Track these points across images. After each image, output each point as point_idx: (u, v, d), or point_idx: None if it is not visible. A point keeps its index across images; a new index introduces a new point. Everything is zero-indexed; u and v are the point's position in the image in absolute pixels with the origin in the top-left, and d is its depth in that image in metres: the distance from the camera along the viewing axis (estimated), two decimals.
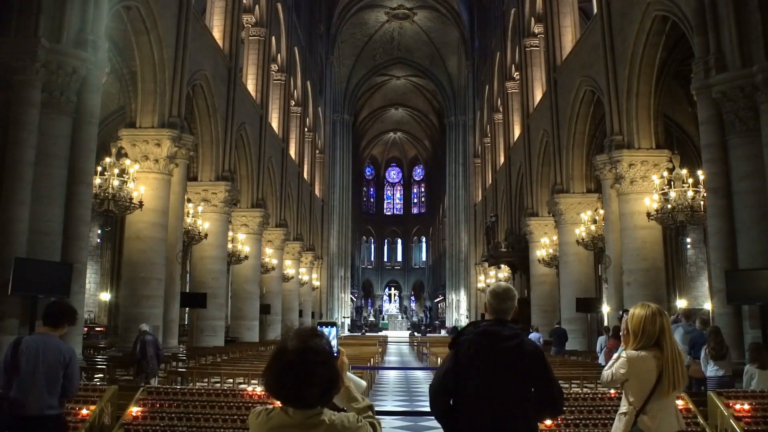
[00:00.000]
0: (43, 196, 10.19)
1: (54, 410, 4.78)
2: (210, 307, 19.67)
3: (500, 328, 3.42)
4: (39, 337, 4.94)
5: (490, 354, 3.35)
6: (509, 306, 3.51)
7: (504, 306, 3.50)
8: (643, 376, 3.69)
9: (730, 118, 10.82)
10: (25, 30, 10.34)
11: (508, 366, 3.33)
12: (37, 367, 4.71)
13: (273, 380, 2.21)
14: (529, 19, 28.32)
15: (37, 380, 4.69)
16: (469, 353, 3.38)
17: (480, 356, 3.36)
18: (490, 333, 3.41)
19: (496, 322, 3.47)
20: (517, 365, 3.33)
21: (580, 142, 21.20)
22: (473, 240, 46.53)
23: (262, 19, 27.85)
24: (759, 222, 10.34)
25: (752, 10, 10.53)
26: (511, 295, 3.54)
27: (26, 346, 4.78)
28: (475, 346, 3.39)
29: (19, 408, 4.64)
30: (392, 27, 52.89)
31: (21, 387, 4.66)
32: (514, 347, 3.34)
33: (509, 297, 3.53)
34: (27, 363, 4.71)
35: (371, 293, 74.12)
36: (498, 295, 3.53)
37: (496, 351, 3.35)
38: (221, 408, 6.05)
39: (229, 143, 21.25)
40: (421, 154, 74.36)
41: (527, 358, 3.33)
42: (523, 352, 3.34)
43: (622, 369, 3.76)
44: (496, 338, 3.38)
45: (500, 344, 3.36)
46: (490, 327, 3.44)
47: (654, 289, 15.71)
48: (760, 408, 5.95)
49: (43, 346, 4.79)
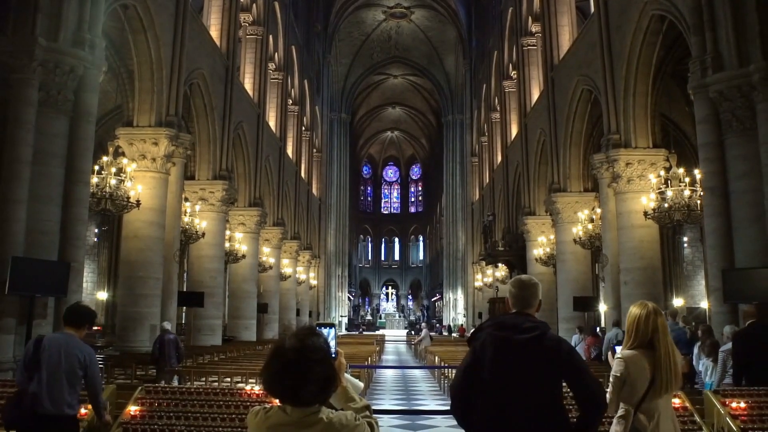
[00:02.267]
0: (40, 195, 10.17)
1: (72, 410, 4.80)
2: (207, 306, 19.66)
3: (520, 320, 3.25)
4: (62, 335, 4.97)
5: (508, 347, 3.17)
6: (531, 294, 3.36)
7: (525, 293, 3.35)
8: (638, 374, 3.70)
9: (726, 117, 10.85)
10: (22, 29, 10.32)
11: (526, 360, 3.13)
12: (60, 365, 4.74)
13: (271, 378, 2.22)
14: (526, 18, 28.34)
15: (59, 378, 4.72)
16: (485, 347, 3.22)
17: (497, 350, 3.18)
18: (508, 325, 3.25)
19: (516, 314, 3.32)
20: (537, 359, 3.13)
21: (577, 141, 21.22)
22: (470, 239, 46.56)
23: (259, 18, 27.83)
24: (756, 221, 10.35)
25: (749, 10, 10.54)
26: (533, 282, 3.42)
27: (48, 343, 4.80)
28: (492, 339, 3.22)
29: (39, 405, 4.64)
30: (390, 26, 52.90)
31: (42, 383, 4.67)
32: (532, 339, 3.15)
33: (532, 284, 3.40)
34: (49, 360, 4.72)
35: (369, 292, 74.19)
36: (521, 283, 3.40)
37: (514, 344, 3.16)
38: (219, 407, 6.05)
39: (227, 142, 21.24)
40: (418, 153, 74.41)
41: (549, 352, 3.13)
42: (543, 346, 3.14)
43: (619, 369, 3.75)
44: (514, 330, 3.20)
45: (518, 336, 3.17)
46: (509, 320, 3.29)
47: (651, 288, 15.74)
48: (756, 406, 5.97)
49: (65, 345, 4.82)
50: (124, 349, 14.93)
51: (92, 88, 11.25)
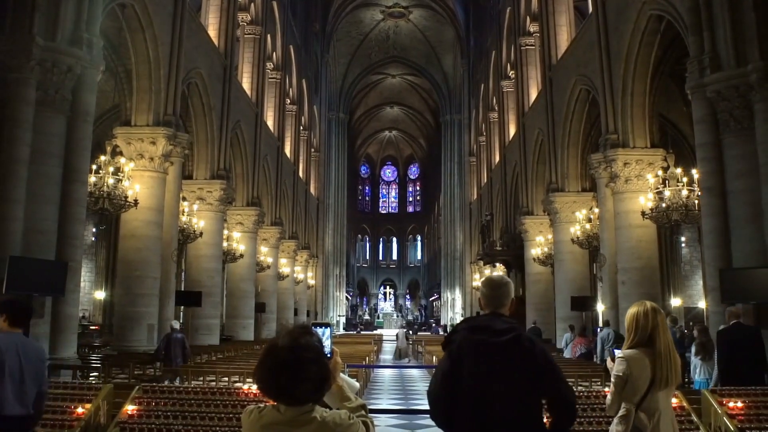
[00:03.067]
0: (37, 195, 10.17)
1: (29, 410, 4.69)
2: (205, 306, 19.64)
3: (493, 322, 3.18)
4: (11, 335, 4.71)
5: (486, 351, 3.09)
6: (503, 293, 3.29)
7: (498, 293, 3.28)
8: (639, 373, 3.71)
9: (724, 117, 10.86)
10: (20, 28, 10.31)
11: (505, 363, 3.07)
12: (21, 366, 4.59)
13: (265, 377, 2.23)
14: (524, 18, 28.34)
15: (24, 378, 4.60)
16: (462, 352, 3.13)
17: (475, 355, 3.10)
18: (482, 327, 3.17)
19: (490, 315, 3.24)
20: (514, 362, 3.07)
21: (575, 141, 21.23)
22: (468, 238, 46.53)
23: (257, 17, 27.81)
24: (753, 221, 10.36)
25: (747, 10, 10.55)
26: (505, 281, 3.35)
27: (4, 344, 4.60)
28: (468, 343, 3.14)
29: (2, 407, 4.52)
30: (388, 25, 52.87)
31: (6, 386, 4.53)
32: (509, 342, 3.09)
33: (504, 284, 3.33)
34: (11, 361, 4.56)
35: (366, 292, 74.15)
36: (492, 282, 3.33)
37: (492, 347, 3.09)
38: (217, 406, 6.05)
39: (225, 141, 21.22)
40: (416, 152, 74.38)
41: (526, 354, 3.08)
42: (520, 348, 3.08)
43: (621, 369, 3.75)
44: (489, 333, 3.12)
45: (494, 339, 3.10)
46: (483, 321, 3.22)
47: (648, 288, 15.75)
48: (753, 406, 5.98)
49: (22, 345, 4.66)
50: (122, 348, 14.91)
51: (90, 87, 11.25)
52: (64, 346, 10.84)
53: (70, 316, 11.08)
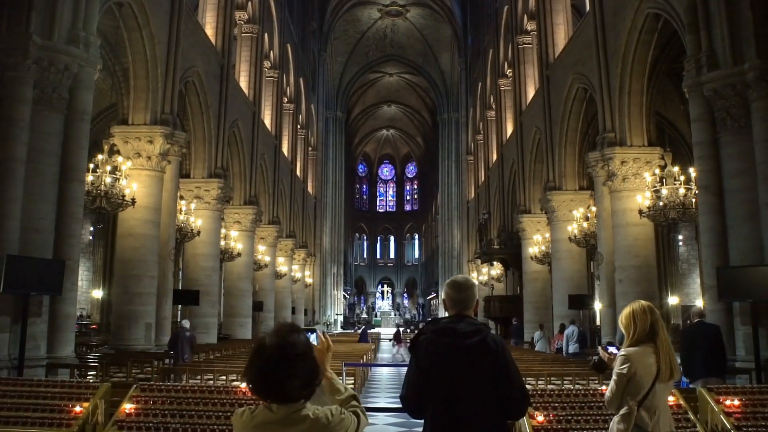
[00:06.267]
0: (34, 194, 10.14)
1: None
2: (203, 305, 19.65)
3: (459, 324, 3.17)
4: None
5: (453, 354, 3.10)
6: (468, 296, 3.26)
7: (463, 296, 3.25)
8: (643, 371, 3.71)
9: (721, 115, 10.87)
10: (16, 26, 10.28)
11: (470, 365, 3.09)
12: None
13: (255, 376, 2.25)
14: (521, 17, 28.35)
15: None
16: (429, 354, 3.13)
17: (443, 358, 3.10)
18: (448, 330, 3.16)
19: (456, 317, 3.23)
20: (480, 364, 3.09)
21: (573, 140, 21.26)
22: (466, 237, 46.55)
23: (254, 16, 27.78)
24: (750, 219, 10.38)
25: (744, 8, 10.57)
26: (470, 284, 3.33)
27: None
28: (434, 346, 3.14)
29: None
30: (385, 24, 52.87)
31: None
32: (476, 344, 3.10)
33: (469, 286, 3.30)
34: None
35: (364, 290, 74.20)
36: (458, 285, 3.29)
37: (459, 350, 3.10)
38: (214, 405, 6.05)
39: (222, 140, 21.21)
40: (413, 151, 74.40)
41: (490, 356, 3.09)
42: (487, 350, 3.10)
43: (624, 367, 3.74)
44: (456, 335, 3.13)
45: (460, 341, 3.11)
46: (449, 324, 3.20)
47: (646, 286, 15.79)
48: (749, 404, 5.99)
49: None
50: (119, 347, 14.90)
51: (87, 86, 11.22)
52: (62, 344, 10.83)
53: (68, 314, 11.07)
